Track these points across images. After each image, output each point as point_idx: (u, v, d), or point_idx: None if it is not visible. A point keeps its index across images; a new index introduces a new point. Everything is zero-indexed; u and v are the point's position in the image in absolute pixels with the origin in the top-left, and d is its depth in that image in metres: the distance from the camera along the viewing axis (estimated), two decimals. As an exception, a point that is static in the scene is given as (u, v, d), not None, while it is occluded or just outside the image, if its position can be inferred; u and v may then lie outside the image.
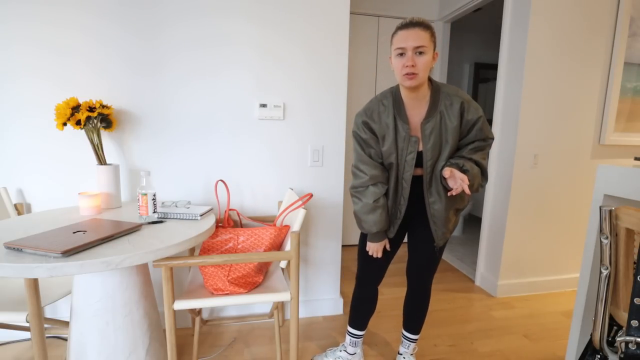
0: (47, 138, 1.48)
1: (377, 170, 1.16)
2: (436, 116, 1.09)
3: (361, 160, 1.17)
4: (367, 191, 1.17)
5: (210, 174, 1.65)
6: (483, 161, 1.14)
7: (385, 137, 1.13)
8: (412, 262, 1.33)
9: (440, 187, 1.15)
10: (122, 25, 1.47)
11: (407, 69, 1.00)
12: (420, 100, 1.10)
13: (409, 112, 1.12)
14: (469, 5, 2.33)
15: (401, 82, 1.05)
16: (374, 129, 1.14)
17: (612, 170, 1.11)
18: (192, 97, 1.58)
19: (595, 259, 1.18)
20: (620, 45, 2.00)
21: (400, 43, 1.01)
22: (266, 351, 1.56)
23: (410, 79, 1.01)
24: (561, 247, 2.22)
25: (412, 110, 1.12)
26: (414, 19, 1.00)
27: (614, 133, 2.11)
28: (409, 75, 1.01)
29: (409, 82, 1.02)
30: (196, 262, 1.12)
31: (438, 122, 1.09)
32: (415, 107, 1.12)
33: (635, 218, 0.77)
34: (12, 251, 0.89)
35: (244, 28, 1.57)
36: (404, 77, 1.02)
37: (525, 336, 1.74)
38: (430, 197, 1.17)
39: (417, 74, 1.00)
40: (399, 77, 1.04)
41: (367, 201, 1.16)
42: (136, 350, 1.16)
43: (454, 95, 1.09)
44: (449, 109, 1.09)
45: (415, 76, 1.01)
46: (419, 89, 1.08)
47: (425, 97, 1.10)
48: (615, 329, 0.86)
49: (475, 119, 1.11)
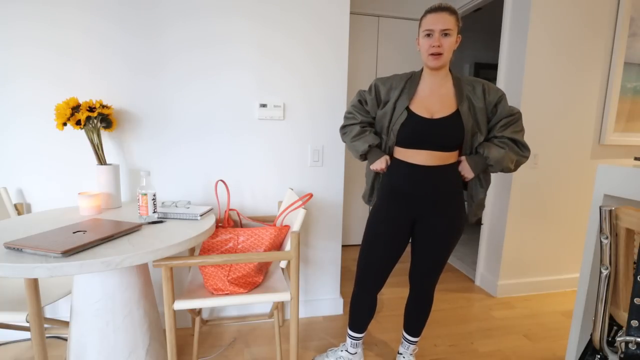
0: (47, 138, 1.48)
1: (368, 120, 1.28)
2: (465, 101, 1.16)
3: (355, 107, 1.29)
4: (354, 127, 1.27)
5: (210, 174, 1.65)
6: (516, 135, 1.17)
7: (387, 103, 1.22)
8: (416, 266, 1.30)
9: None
10: (122, 25, 1.47)
11: (434, 49, 1.10)
12: (439, 83, 1.18)
13: (422, 89, 1.20)
14: (469, 5, 2.33)
15: (426, 62, 1.15)
16: (380, 91, 1.24)
17: (612, 170, 1.11)
18: (192, 97, 1.58)
19: (595, 259, 1.18)
20: (620, 45, 2.00)
21: (428, 25, 1.10)
22: (266, 351, 1.56)
23: (436, 58, 1.11)
24: (561, 247, 2.22)
25: (428, 89, 1.19)
26: (442, 4, 1.11)
27: (614, 133, 2.11)
28: (434, 56, 1.11)
29: (433, 62, 1.12)
30: (196, 262, 1.12)
31: (467, 105, 1.17)
32: (433, 88, 1.19)
33: (635, 218, 0.77)
34: (12, 251, 0.88)
35: (244, 28, 1.57)
36: (430, 57, 1.12)
37: (525, 336, 1.74)
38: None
39: (442, 54, 1.10)
40: (425, 57, 1.14)
41: (354, 128, 1.27)
42: (136, 350, 1.16)
43: (475, 81, 1.19)
44: (472, 94, 1.18)
45: (440, 57, 1.11)
46: (440, 71, 1.17)
47: (445, 82, 1.18)
48: (615, 329, 0.86)
49: (497, 99, 1.18)
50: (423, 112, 1.16)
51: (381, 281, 1.30)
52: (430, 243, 1.23)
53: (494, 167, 1.17)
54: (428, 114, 1.15)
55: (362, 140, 1.23)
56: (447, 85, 1.18)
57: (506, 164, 1.16)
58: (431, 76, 1.19)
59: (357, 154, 1.26)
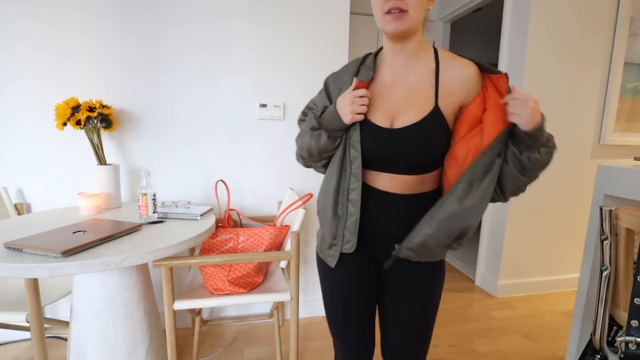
0: (47, 138, 1.48)
1: None
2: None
3: (301, 120, 0.91)
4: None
5: (210, 174, 1.65)
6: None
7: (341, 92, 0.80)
8: (388, 341, 0.86)
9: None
10: (122, 26, 1.47)
11: (392, 2, 0.66)
12: (406, 64, 0.75)
13: (381, 79, 0.78)
14: (469, 5, 2.33)
15: (382, 28, 0.70)
16: (331, 91, 0.83)
17: (612, 170, 1.11)
18: (192, 97, 1.58)
19: (595, 259, 1.18)
20: (620, 45, 2.00)
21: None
22: (266, 351, 1.56)
23: (396, 18, 0.67)
24: (561, 247, 2.22)
25: (389, 77, 0.77)
26: None
27: (614, 133, 2.11)
28: (393, 15, 0.67)
29: (393, 24, 0.68)
30: (196, 262, 1.12)
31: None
32: (396, 74, 0.76)
33: (635, 218, 0.77)
34: (12, 251, 0.88)
35: (244, 29, 1.57)
36: (387, 18, 0.68)
37: (525, 336, 1.74)
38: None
39: (406, 12, 0.66)
40: (380, 19, 0.70)
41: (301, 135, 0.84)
42: (136, 350, 1.16)
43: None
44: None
45: (403, 15, 0.67)
46: (407, 43, 0.73)
47: (416, 62, 0.75)
48: (615, 329, 0.86)
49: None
50: (379, 119, 0.74)
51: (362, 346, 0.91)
52: (407, 294, 0.81)
53: (540, 158, 0.66)
54: (387, 121, 0.74)
55: (305, 125, 0.82)
56: (421, 67, 0.74)
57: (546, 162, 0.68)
58: (394, 54, 0.75)
59: (317, 143, 0.79)
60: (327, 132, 0.77)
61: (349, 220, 0.77)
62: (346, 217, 0.78)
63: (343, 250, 0.80)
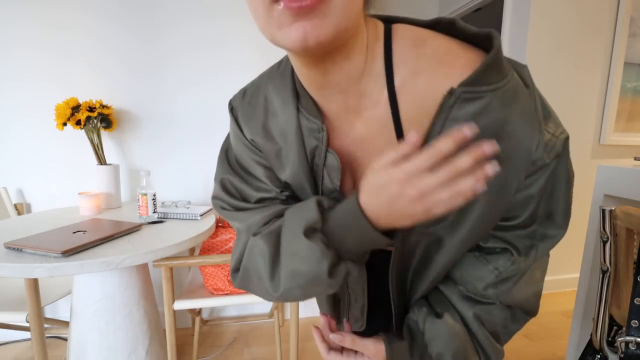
0: (47, 138, 1.48)
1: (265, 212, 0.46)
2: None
3: (227, 210, 0.48)
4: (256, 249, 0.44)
5: (210, 174, 1.65)
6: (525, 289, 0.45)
7: (282, 152, 0.44)
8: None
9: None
10: (123, 26, 1.47)
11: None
12: (346, 96, 0.38)
13: (326, 104, 0.40)
14: (469, 5, 2.33)
15: (273, 38, 0.31)
16: (258, 144, 0.46)
17: (612, 170, 1.11)
18: (192, 97, 1.58)
19: (595, 259, 1.18)
20: (620, 45, 2.00)
21: None
22: (266, 351, 1.56)
23: (304, 14, 0.28)
24: (561, 247, 2.21)
25: (329, 106, 0.40)
26: None
27: (614, 133, 2.11)
28: (295, 7, 0.27)
29: (300, 28, 0.28)
30: (196, 262, 1.12)
31: None
32: (333, 115, 0.41)
33: (635, 218, 0.77)
34: (12, 251, 0.88)
35: (244, 28, 1.57)
36: (281, 13, 0.28)
37: (525, 336, 1.73)
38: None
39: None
40: (262, 17, 0.30)
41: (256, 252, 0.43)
42: (136, 350, 1.16)
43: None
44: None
45: (318, 7, 0.27)
46: (335, 59, 0.34)
47: (359, 84, 0.36)
48: (615, 329, 0.86)
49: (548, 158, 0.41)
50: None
51: None
52: None
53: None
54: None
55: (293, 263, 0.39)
56: (370, 100, 0.37)
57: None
58: (317, 89, 0.38)
59: (318, 264, 0.37)
60: (346, 258, 0.40)
61: (354, 305, 0.54)
62: (349, 303, 0.55)
63: (354, 329, 0.57)
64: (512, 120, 0.33)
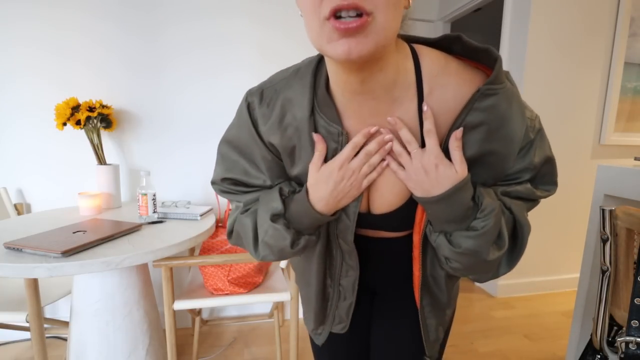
0: (47, 138, 1.48)
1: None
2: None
3: (226, 192, 0.58)
4: (243, 221, 0.54)
5: (210, 174, 1.65)
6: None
7: (295, 151, 0.51)
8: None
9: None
10: (122, 26, 1.47)
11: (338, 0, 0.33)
12: (378, 103, 0.45)
13: (348, 112, 0.48)
14: (469, 5, 2.33)
15: (322, 49, 0.38)
16: (274, 142, 0.51)
17: (612, 170, 1.11)
18: (192, 97, 1.58)
19: (595, 259, 1.18)
20: (620, 45, 2.00)
21: None
22: (266, 351, 1.56)
23: (352, 31, 0.34)
24: (561, 247, 2.22)
25: (353, 122, 0.48)
26: None
27: (614, 133, 2.11)
28: (345, 24, 0.34)
29: (345, 42, 0.35)
30: (196, 262, 1.12)
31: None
32: (363, 120, 0.47)
33: (635, 218, 0.77)
34: (12, 251, 0.88)
35: (244, 28, 1.57)
36: (327, 28, 0.35)
37: (525, 336, 1.74)
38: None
39: (369, 15, 0.34)
40: (316, 30, 0.37)
41: (244, 223, 0.54)
42: (136, 350, 1.16)
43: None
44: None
45: (364, 23, 0.34)
46: (373, 69, 0.41)
47: (391, 94, 0.45)
48: (616, 329, 0.86)
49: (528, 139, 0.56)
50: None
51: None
52: (399, 334, 0.64)
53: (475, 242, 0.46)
54: (362, 204, 0.52)
55: (265, 215, 0.51)
56: (400, 109, 0.46)
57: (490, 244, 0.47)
58: (351, 95, 0.45)
59: (283, 240, 0.50)
60: (304, 234, 0.52)
61: (342, 304, 0.61)
62: (337, 300, 0.61)
63: (333, 330, 0.65)
64: (512, 111, 0.45)
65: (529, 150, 0.50)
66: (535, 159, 0.50)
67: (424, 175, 0.45)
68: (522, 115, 0.47)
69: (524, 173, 0.51)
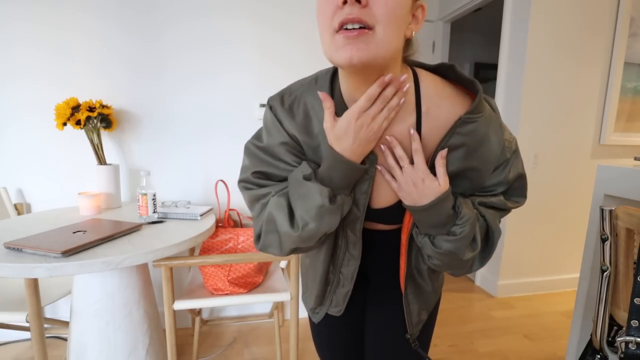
0: (47, 138, 1.48)
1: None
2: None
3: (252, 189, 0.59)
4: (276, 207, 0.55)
5: (210, 174, 1.65)
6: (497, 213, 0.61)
7: (319, 149, 0.56)
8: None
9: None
10: (122, 26, 1.47)
11: (348, 11, 0.41)
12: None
13: None
14: (469, 5, 2.33)
15: (331, 56, 0.45)
16: (303, 144, 0.57)
17: (612, 170, 1.11)
18: (192, 97, 1.58)
19: (595, 259, 1.18)
20: (620, 45, 2.00)
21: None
22: (266, 351, 1.56)
23: (354, 38, 0.42)
24: (561, 247, 2.22)
25: None
26: None
27: (614, 133, 2.11)
28: (349, 34, 0.42)
29: (348, 48, 0.42)
30: (196, 262, 1.12)
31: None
32: None
33: (635, 218, 0.77)
34: (12, 251, 0.88)
35: (244, 28, 1.57)
36: (337, 39, 0.43)
37: (525, 336, 1.74)
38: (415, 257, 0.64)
39: (370, 29, 0.42)
40: (327, 41, 0.45)
41: (277, 207, 0.55)
42: (136, 350, 1.16)
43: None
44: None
45: (365, 34, 0.42)
46: (372, 73, 0.47)
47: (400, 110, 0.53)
48: (616, 329, 0.86)
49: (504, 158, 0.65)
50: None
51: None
52: (392, 315, 0.71)
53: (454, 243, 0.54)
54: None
55: (303, 191, 0.52)
56: (397, 121, 0.53)
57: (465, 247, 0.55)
58: (358, 79, 0.50)
59: (336, 217, 0.54)
60: (339, 193, 0.53)
61: (340, 290, 0.69)
62: (336, 287, 0.69)
63: (329, 312, 0.73)
64: (490, 134, 0.53)
65: (505, 167, 0.57)
66: (510, 175, 0.57)
67: (412, 187, 0.53)
68: (499, 137, 0.54)
69: (499, 186, 0.58)
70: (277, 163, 0.57)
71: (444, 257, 0.56)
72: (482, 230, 0.58)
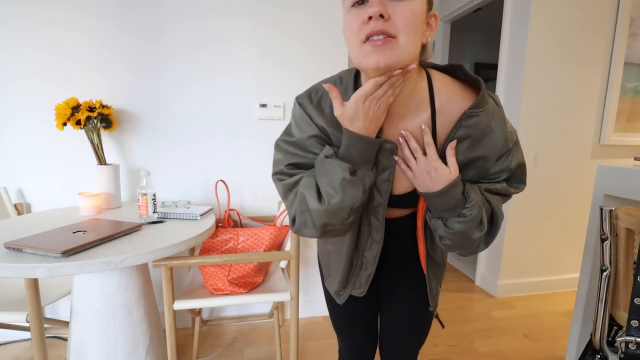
0: (47, 138, 1.48)
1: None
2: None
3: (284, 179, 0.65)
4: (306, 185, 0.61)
5: (210, 174, 1.65)
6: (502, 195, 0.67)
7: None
8: (388, 334, 0.85)
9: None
10: (122, 26, 1.47)
11: (373, 25, 0.48)
12: (396, 107, 0.60)
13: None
14: (469, 5, 2.33)
15: (360, 63, 0.52)
16: (331, 135, 0.63)
17: (612, 170, 1.11)
18: (192, 97, 1.58)
19: (595, 259, 1.18)
20: (620, 45, 2.00)
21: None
22: (266, 351, 1.56)
23: (380, 47, 0.49)
24: (561, 247, 2.22)
25: (389, 114, 0.61)
26: None
27: (614, 133, 2.11)
28: (375, 43, 0.49)
29: (375, 55, 0.49)
30: (196, 262, 1.12)
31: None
32: (385, 122, 0.61)
33: (635, 218, 0.77)
34: (12, 251, 0.88)
35: (244, 28, 1.57)
36: (365, 48, 0.50)
37: (525, 336, 1.74)
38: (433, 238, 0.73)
39: (393, 38, 0.49)
40: (356, 51, 0.52)
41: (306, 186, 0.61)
42: (136, 350, 1.16)
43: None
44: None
45: (389, 42, 0.49)
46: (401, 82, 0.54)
47: (407, 103, 0.59)
48: (615, 329, 0.86)
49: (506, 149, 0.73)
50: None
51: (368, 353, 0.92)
52: (408, 295, 0.82)
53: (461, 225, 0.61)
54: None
55: (328, 177, 0.58)
56: (414, 117, 0.61)
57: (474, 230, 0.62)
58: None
59: (362, 189, 0.59)
60: (359, 167, 0.58)
61: (363, 273, 0.75)
62: (359, 269, 0.75)
63: (353, 294, 0.80)
64: (493, 126, 0.59)
65: (507, 156, 0.63)
66: (512, 163, 0.63)
67: (426, 175, 0.59)
68: (502, 130, 0.60)
69: (502, 174, 0.64)
70: (307, 154, 0.63)
71: (456, 237, 0.62)
72: (487, 213, 0.64)
